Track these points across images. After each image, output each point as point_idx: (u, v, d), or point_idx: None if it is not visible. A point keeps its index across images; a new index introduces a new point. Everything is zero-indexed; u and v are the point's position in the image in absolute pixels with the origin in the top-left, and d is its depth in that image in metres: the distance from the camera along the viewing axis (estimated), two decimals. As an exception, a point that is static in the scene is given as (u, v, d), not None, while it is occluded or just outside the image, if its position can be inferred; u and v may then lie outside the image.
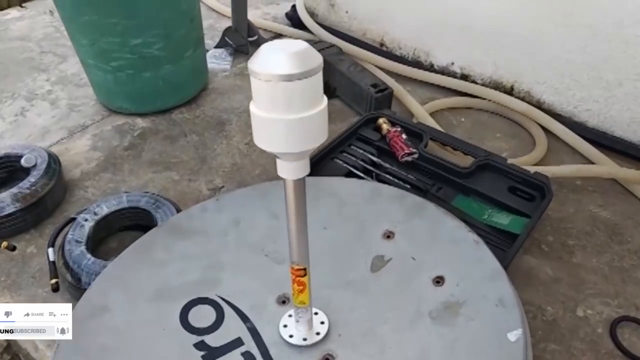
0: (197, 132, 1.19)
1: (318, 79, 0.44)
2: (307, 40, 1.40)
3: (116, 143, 1.16)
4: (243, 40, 1.45)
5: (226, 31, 1.46)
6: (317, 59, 0.43)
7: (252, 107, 0.47)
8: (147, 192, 0.93)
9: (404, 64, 1.40)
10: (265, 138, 0.47)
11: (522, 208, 0.92)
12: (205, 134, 1.19)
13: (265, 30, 1.60)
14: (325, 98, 0.46)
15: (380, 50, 1.45)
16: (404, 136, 1.04)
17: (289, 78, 0.42)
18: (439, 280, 0.73)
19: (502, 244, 0.87)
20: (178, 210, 0.90)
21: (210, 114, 1.25)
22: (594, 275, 0.86)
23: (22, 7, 1.88)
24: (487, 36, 1.24)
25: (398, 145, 1.02)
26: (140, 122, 1.22)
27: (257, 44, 1.49)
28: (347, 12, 1.48)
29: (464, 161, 1.03)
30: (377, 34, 1.45)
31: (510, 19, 1.18)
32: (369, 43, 1.48)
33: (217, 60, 1.43)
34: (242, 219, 0.84)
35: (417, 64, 1.41)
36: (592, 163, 1.09)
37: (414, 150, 1.01)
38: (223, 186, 1.05)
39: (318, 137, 0.47)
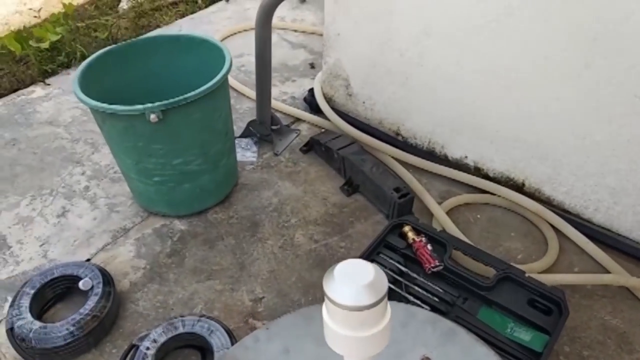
0: (233, 234, 1.29)
1: (385, 302, 0.52)
2: (328, 133, 1.51)
3: (158, 249, 1.25)
4: (267, 130, 1.55)
5: (251, 123, 1.57)
6: (384, 285, 0.51)
7: (326, 318, 0.55)
8: (200, 316, 1.02)
9: (418, 152, 1.51)
10: (337, 345, 0.55)
11: (540, 322, 1.02)
12: (240, 236, 1.28)
13: (285, 114, 1.70)
14: (389, 310, 0.54)
15: (395, 139, 1.56)
16: (429, 247, 1.14)
17: (362, 309, 0.50)
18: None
19: (525, 359, 0.98)
20: (228, 333, 0.99)
21: (243, 214, 1.35)
22: (608, 388, 0.97)
23: (45, 83, 1.97)
24: (499, 137, 1.35)
25: (425, 257, 1.12)
26: (178, 225, 1.31)
27: (280, 132, 1.60)
28: (364, 102, 1.59)
29: (486, 269, 1.14)
30: (393, 123, 1.56)
31: (524, 125, 1.30)
32: (384, 132, 1.59)
33: (243, 152, 1.53)
34: (291, 348, 0.93)
35: (431, 153, 1.52)
36: (600, 265, 1.20)
37: (440, 263, 1.11)
38: (264, 297, 1.14)
39: (382, 343, 0.55)
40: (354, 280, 0.51)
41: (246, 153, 1.54)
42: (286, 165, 1.51)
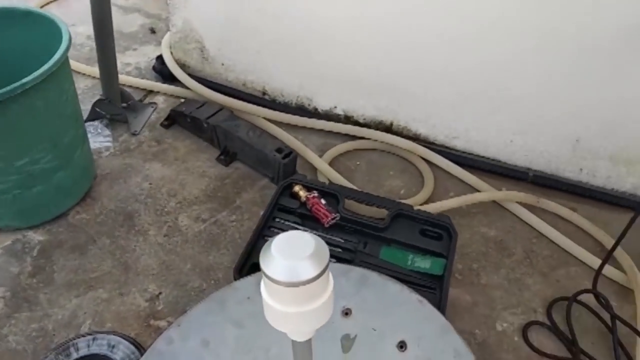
0: (105, 233, 1.14)
1: (328, 271, 0.48)
2: (190, 102, 1.40)
3: (16, 270, 1.05)
4: (118, 109, 1.38)
5: (97, 103, 1.37)
6: (326, 253, 0.48)
7: (267, 298, 0.50)
8: (93, 334, 0.89)
9: (288, 109, 1.49)
10: (282, 323, 0.51)
11: (435, 248, 1.10)
12: (115, 234, 1.14)
13: (135, 88, 1.52)
14: (331, 278, 0.51)
15: (263, 99, 1.51)
16: (323, 201, 1.15)
17: (308, 282, 0.46)
18: (402, 345, 0.87)
19: (431, 285, 1.05)
20: (134, 344, 0.88)
21: (111, 208, 1.19)
22: (499, 291, 1.10)
23: None
24: (365, 84, 1.40)
25: (321, 212, 1.13)
26: (35, 236, 1.11)
27: (133, 108, 1.43)
28: (222, 64, 1.50)
29: (378, 211, 1.18)
30: (257, 83, 1.50)
31: (386, 68, 1.35)
32: (249, 93, 1.52)
33: (95, 138, 1.34)
34: (210, 339, 0.87)
35: (301, 108, 1.51)
36: (470, 186, 1.33)
37: (336, 214, 1.12)
38: (160, 292, 1.04)
39: (328, 313, 0.52)
40: (294, 254, 0.47)
41: (98, 138, 1.35)
42: (149, 145, 1.37)
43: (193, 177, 1.29)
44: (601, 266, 1.06)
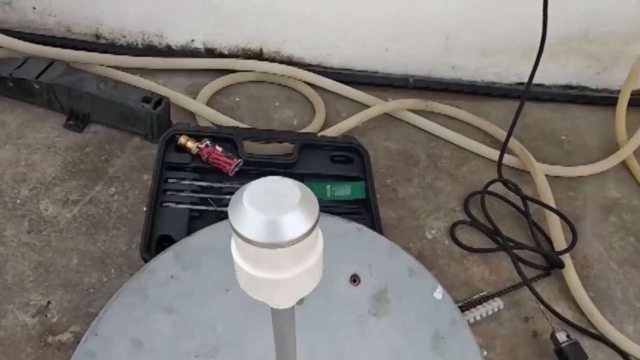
0: (-62, 251, 0.87)
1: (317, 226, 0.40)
2: (6, 62, 1.11)
3: None
4: None
5: None
6: (314, 198, 0.39)
7: (246, 267, 0.40)
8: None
9: (136, 52, 1.28)
10: (265, 293, 0.42)
11: (350, 172, 1.08)
12: (-44, 248, 0.87)
13: None
14: (320, 235, 0.42)
15: (98, 44, 1.27)
16: (219, 148, 1.02)
17: (302, 238, 0.37)
18: (355, 279, 0.84)
19: (357, 211, 1.03)
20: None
21: None
22: (417, 200, 1.12)
23: None
24: (223, 9, 1.25)
25: (221, 161, 1.01)
26: None
27: None
28: (34, 8, 1.20)
29: (282, 147, 1.10)
30: (87, 26, 1.25)
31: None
32: (78, 39, 1.26)
33: None
34: (141, 337, 0.73)
35: (151, 48, 1.31)
36: (359, 102, 1.31)
37: (239, 160, 1.02)
38: (49, 301, 0.84)
39: (319, 275, 0.44)
40: (276, 207, 0.36)
41: None
42: (-38, 126, 1.06)
43: (41, 153, 1.04)
44: (501, 155, 1.14)
